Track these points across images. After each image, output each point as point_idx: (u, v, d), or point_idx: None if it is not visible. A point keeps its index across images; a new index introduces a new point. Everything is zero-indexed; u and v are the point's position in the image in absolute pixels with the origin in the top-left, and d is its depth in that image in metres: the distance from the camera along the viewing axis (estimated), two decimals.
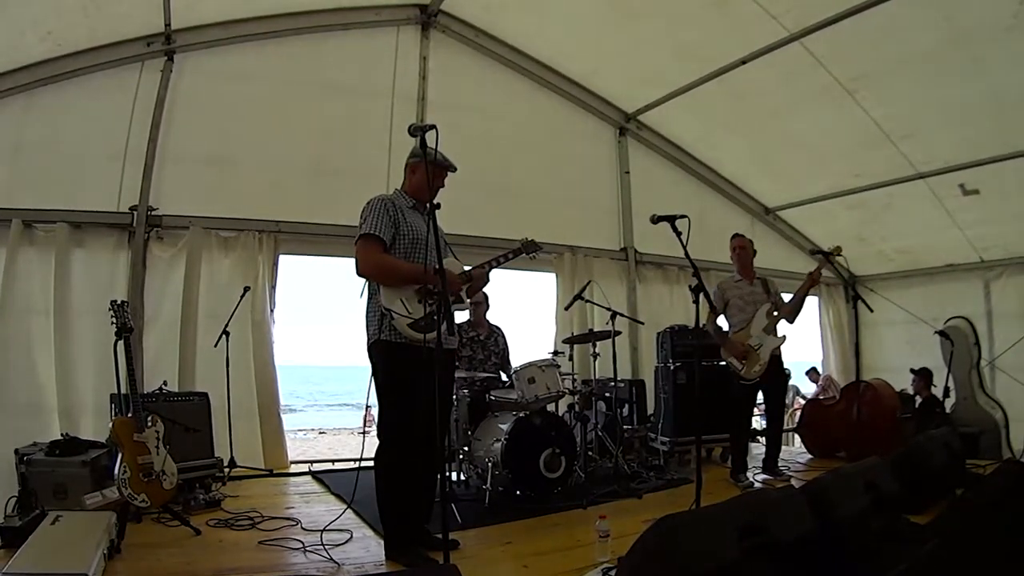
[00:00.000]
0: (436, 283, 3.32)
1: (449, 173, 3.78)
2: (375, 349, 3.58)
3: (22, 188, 5.53)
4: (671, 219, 3.84)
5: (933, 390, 7.44)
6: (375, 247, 3.53)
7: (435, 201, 3.46)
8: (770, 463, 5.73)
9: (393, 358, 3.52)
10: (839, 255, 5.52)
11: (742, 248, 5.77)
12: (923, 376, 7.61)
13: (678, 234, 3.80)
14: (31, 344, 5.42)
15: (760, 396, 5.76)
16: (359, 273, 3.59)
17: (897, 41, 5.86)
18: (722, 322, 5.69)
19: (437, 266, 3.15)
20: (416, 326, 3.46)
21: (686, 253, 3.76)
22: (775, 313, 5.57)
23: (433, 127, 3.19)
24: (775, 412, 5.87)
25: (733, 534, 2.44)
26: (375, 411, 3.75)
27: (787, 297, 5.74)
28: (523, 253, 4.24)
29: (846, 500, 3.03)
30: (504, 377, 5.98)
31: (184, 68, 6.22)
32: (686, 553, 2.34)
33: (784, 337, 5.59)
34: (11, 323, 5.34)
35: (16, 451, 4.26)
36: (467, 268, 3.91)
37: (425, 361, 3.24)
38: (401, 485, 3.49)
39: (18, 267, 5.41)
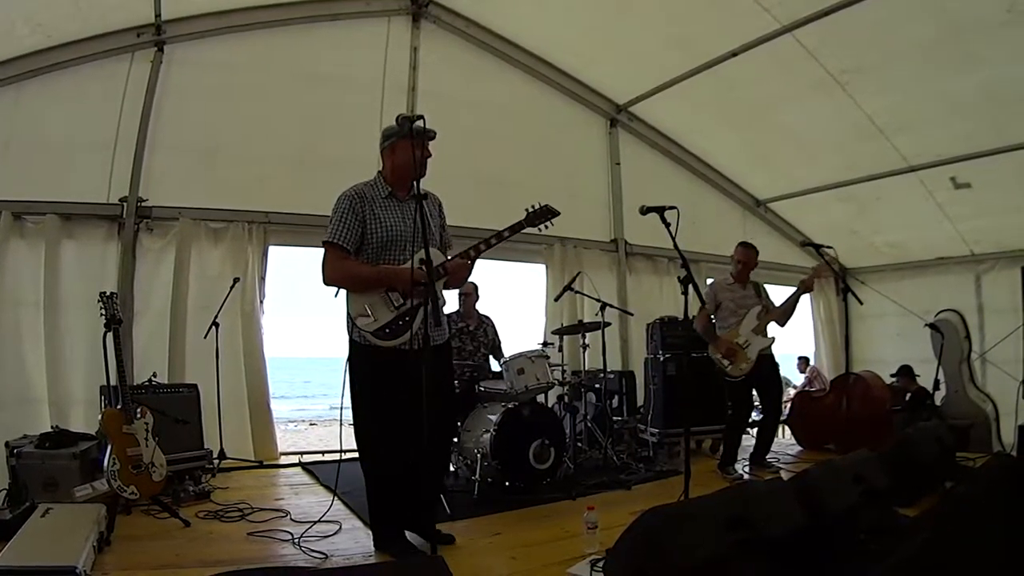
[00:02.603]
0: (404, 286, 3.29)
1: (434, 150, 3.56)
2: (349, 350, 3.50)
3: (11, 180, 5.50)
4: (660, 210, 3.80)
5: (920, 382, 7.47)
6: (338, 255, 3.46)
7: (422, 192, 3.32)
8: (758, 456, 5.79)
9: (364, 362, 3.45)
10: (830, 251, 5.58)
11: (746, 261, 5.78)
12: (904, 374, 7.66)
13: (667, 225, 3.78)
14: (21, 336, 5.40)
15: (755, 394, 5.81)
16: (325, 283, 3.48)
17: (890, 34, 5.85)
18: None
19: (418, 260, 3.08)
20: (380, 333, 3.37)
21: (675, 244, 3.72)
22: (765, 315, 5.63)
23: (421, 117, 3.16)
24: (771, 409, 5.90)
25: (721, 527, 2.45)
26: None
27: (776, 292, 5.78)
28: (528, 225, 3.75)
29: (835, 493, 3.03)
30: (495, 365, 5.98)
31: (174, 59, 6.20)
32: (673, 545, 2.36)
33: (773, 338, 5.65)
34: (0, 315, 5.32)
35: (6, 444, 4.25)
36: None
37: (404, 362, 3.23)
38: (384, 485, 3.46)
39: (7, 259, 5.40)
